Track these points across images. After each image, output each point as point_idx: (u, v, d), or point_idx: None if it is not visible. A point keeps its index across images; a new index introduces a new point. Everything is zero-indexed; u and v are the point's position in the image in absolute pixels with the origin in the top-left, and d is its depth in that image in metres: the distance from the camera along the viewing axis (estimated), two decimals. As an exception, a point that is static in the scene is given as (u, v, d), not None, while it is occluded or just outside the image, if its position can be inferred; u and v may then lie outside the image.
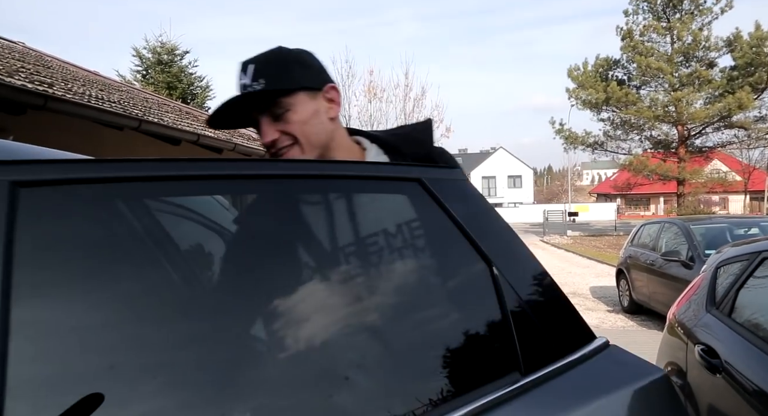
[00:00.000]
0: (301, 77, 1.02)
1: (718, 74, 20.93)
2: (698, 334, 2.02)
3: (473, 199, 0.93)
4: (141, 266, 0.97)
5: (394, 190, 0.95)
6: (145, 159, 0.79)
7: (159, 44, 16.90)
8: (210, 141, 6.45)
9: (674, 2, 21.01)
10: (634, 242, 7.94)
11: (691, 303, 2.26)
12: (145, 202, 1.00)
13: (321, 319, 0.96)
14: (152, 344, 0.80)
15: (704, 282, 2.24)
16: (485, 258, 0.86)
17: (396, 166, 0.97)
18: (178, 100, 14.02)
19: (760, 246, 1.94)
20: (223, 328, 0.97)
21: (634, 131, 23.06)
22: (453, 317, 0.93)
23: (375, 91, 24.22)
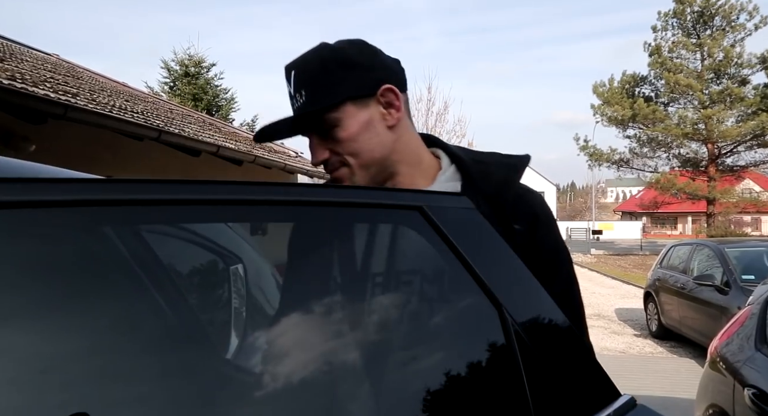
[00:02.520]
0: (345, 84, 0.84)
1: (751, 92, 20.38)
2: (747, 375, 1.83)
3: (483, 231, 0.80)
4: (122, 293, 0.86)
5: (391, 219, 0.83)
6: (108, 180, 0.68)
7: (186, 57, 17.25)
8: (230, 152, 6.44)
9: (705, 18, 20.63)
10: (663, 264, 7.63)
11: (736, 337, 2.07)
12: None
13: (304, 359, 0.84)
14: (118, 379, 0.70)
15: (752, 316, 2.05)
16: (494, 300, 0.74)
17: (393, 192, 0.84)
18: (203, 111, 14.22)
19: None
20: (202, 361, 0.86)
21: (662, 149, 22.56)
22: (454, 369, 0.80)
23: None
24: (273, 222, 0.79)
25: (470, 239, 0.76)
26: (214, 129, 8.56)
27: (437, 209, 0.76)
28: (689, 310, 6.22)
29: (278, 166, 8.51)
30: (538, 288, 0.79)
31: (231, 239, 1.33)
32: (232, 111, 18.30)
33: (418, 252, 0.78)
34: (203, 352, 1.01)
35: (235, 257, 1.29)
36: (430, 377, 0.73)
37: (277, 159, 8.53)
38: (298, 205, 0.72)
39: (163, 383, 0.80)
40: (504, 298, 0.73)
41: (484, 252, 0.77)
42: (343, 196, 0.76)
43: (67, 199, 0.71)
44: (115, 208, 0.76)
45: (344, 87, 0.84)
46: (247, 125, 18.83)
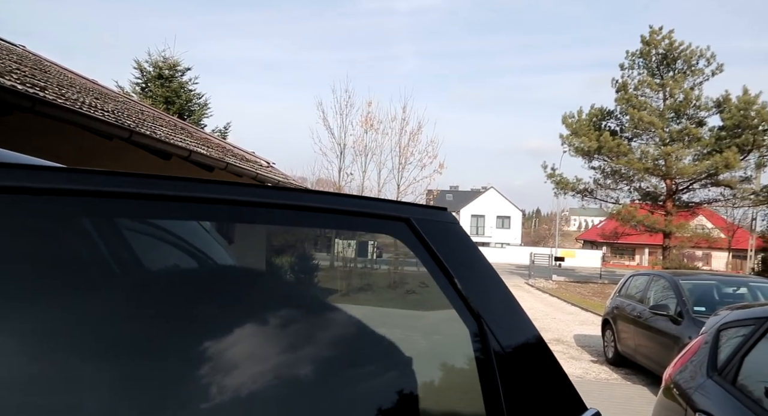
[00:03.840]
0: None
1: (706, 133, 21.47)
2: (698, 400, 1.91)
3: (465, 244, 0.85)
4: (86, 290, 0.85)
5: (379, 228, 0.88)
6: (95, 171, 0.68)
7: (161, 59, 16.98)
8: (201, 158, 6.35)
9: (668, 61, 21.72)
10: (621, 292, 7.86)
11: (690, 366, 2.15)
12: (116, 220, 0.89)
13: (285, 361, 0.85)
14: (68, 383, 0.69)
15: (704, 345, 2.14)
16: (473, 311, 0.77)
17: (382, 203, 0.88)
18: (174, 115, 13.98)
19: (764, 311, 1.85)
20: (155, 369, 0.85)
21: (624, 181, 23.40)
22: (433, 374, 0.82)
23: (372, 122, 24.45)
24: (268, 225, 0.80)
25: (453, 251, 0.79)
26: (185, 133, 8.42)
27: (423, 221, 0.79)
28: (644, 339, 6.41)
29: (249, 174, 8.42)
30: (514, 302, 0.82)
31: (208, 243, 1.32)
32: (205, 116, 18.05)
33: (404, 261, 0.81)
34: (179, 353, 0.99)
35: (211, 261, 1.28)
36: (408, 383, 0.75)
37: (248, 168, 8.44)
38: (291, 208, 0.73)
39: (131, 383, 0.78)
40: (483, 310, 0.75)
41: (466, 265, 0.79)
42: (336, 203, 0.78)
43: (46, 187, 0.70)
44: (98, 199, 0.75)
45: None
46: (219, 132, 18.58)
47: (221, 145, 10.01)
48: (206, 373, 0.84)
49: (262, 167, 10.04)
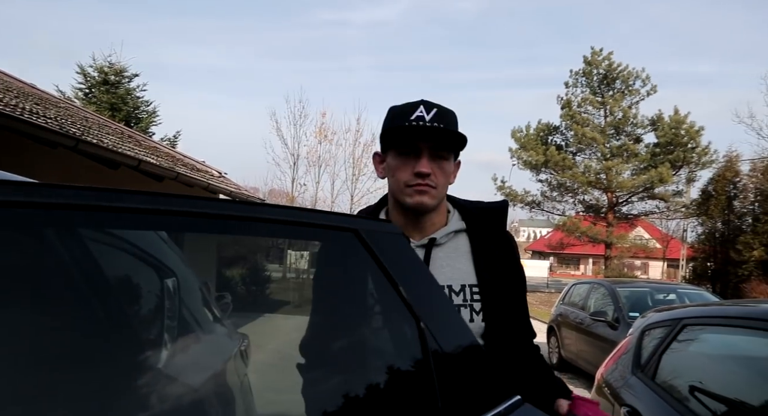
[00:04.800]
0: (462, 144, 1.15)
1: (643, 149, 22.83)
2: (624, 396, 2.09)
3: (407, 254, 0.94)
4: (58, 297, 0.89)
5: (329, 238, 0.95)
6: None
7: (107, 64, 16.40)
8: (151, 167, 6.21)
9: (608, 80, 23.01)
10: (565, 300, 8.23)
11: (618, 364, 2.35)
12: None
13: (229, 369, 0.93)
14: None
15: (630, 345, 2.34)
16: (414, 314, 0.86)
17: (332, 215, 0.96)
18: (121, 122, 13.52)
19: (681, 313, 2.06)
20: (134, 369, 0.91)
21: (569, 194, 24.46)
22: (377, 369, 0.92)
23: (326, 133, 24.48)
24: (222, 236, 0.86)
25: (398, 261, 0.88)
26: (133, 141, 8.20)
27: (370, 232, 0.87)
28: (585, 344, 6.74)
29: (200, 184, 8.28)
30: (448, 303, 0.93)
31: (165, 253, 1.36)
32: (153, 124, 17.52)
33: (352, 268, 0.91)
34: (135, 359, 1.04)
35: (169, 270, 1.32)
36: (357, 381, 0.84)
37: (199, 177, 8.30)
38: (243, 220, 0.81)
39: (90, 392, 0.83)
40: (423, 315, 0.85)
41: (409, 274, 0.89)
42: (287, 215, 0.86)
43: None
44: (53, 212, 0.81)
45: (462, 145, 1.15)
46: (168, 140, 18.08)
47: (171, 154, 9.79)
48: (145, 383, 0.89)
49: (214, 177, 9.88)
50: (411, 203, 1.12)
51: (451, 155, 1.15)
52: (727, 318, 1.79)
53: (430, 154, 1.10)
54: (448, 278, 1.13)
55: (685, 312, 2.05)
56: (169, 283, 1.30)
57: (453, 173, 1.18)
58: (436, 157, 1.11)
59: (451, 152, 1.15)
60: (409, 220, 1.16)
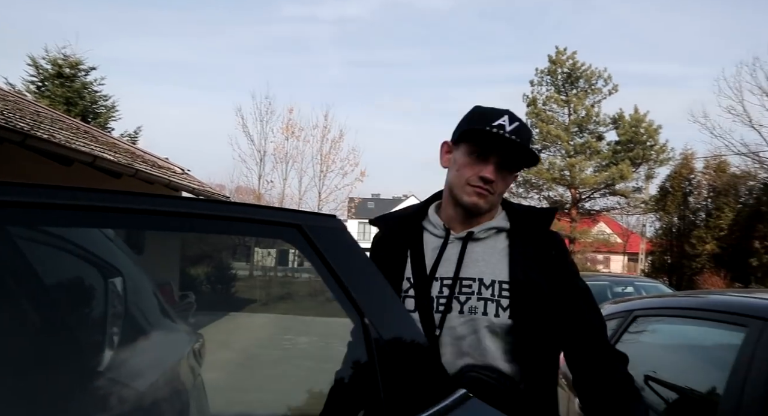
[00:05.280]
0: (532, 162, 1.20)
1: (605, 146, 23.51)
2: (579, 387, 2.14)
3: (352, 249, 0.95)
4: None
5: (272, 233, 0.97)
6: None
7: (61, 56, 15.75)
8: (108, 164, 6.00)
9: (572, 79, 23.58)
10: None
11: (575, 356, 2.40)
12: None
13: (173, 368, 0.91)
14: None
15: (587, 336, 2.40)
16: (358, 308, 0.87)
17: (275, 211, 0.98)
18: (77, 117, 13.01)
19: (633, 305, 2.13)
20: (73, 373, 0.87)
21: (534, 190, 24.98)
22: (318, 366, 0.93)
23: (293, 130, 24.22)
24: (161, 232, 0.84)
25: (341, 255, 0.89)
26: (89, 137, 7.90)
27: (314, 228, 0.88)
28: (548, 337, 6.91)
29: (161, 182, 8.06)
30: (393, 297, 0.93)
31: (111, 252, 1.31)
32: (112, 119, 16.93)
33: (297, 264, 0.90)
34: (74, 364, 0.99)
35: (114, 270, 1.27)
36: (301, 374, 0.83)
37: (160, 174, 8.08)
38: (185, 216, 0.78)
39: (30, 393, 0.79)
40: (367, 308, 0.85)
41: (353, 268, 0.89)
42: (231, 211, 0.84)
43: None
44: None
45: (535, 161, 1.20)
46: (129, 136, 17.53)
47: (131, 150, 9.49)
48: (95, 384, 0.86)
49: (176, 174, 9.63)
50: (467, 202, 1.16)
51: (516, 169, 1.19)
52: (674, 309, 1.86)
53: (498, 162, 1.14)
54: (480, 272, 1.15)
55: (636, 305, 2.11)
56: (115, 283, 1.25)
57: (510, 182, 1.23)
58: (503, 167, 1.15)
59: (517, 168, 1.19)
60: (458, 215, 1.20)
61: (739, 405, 1.26)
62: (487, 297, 1.12)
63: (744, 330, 1.37)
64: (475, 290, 1.13)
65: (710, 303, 1.67)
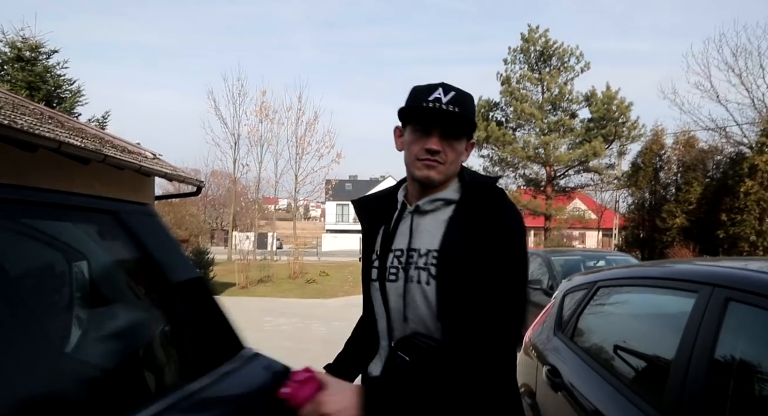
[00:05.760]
0: (474, 129, 1.25)
1: (578, 124, 23.79)
2: (546, 356, 2.22)
3: (163, 232, 1.08)
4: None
5: (90, 221, 1.06)
6: None
7: (20, 39, 15.11)
8: (74, 150, 5.85)
9: (545, 57, 23.67)
10: (504, 271, 8.57)
11: (543, 327, 2.49)
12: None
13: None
14: None
15: (554, 308, 2.48)
16: (168, 283, 1.02)
17: (89, 198, 1.05)
18: (41, 102, 12.56)
19: (597, 276, 2.21)
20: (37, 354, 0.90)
21: (510, 168, 25.21)
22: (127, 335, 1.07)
23: (267, 112, 23.83)
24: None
25: (153, 239, 1.04)
26: (54, 123, 7.66)
27: (127, 214, 1.00)
28: (523, 311, 7.08)
29: (132, 167, 7.89)
30: (200, 278, 1.12)
31: (75, 236, 1.30)
32: (78, 104, 16.38)
33: (110, 247, 1.06)
34: (38, 346, 1.00)
35: (79, 254, 1.26)
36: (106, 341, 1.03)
37: (131, 159, 7.89)
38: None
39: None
40: (176, 282, 1.03)
41: (164, 250, 1.05)
42: (48, 198, 0.93)
43: None
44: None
45: (473, 129, 1.24)
46: (97, 121, 17.03)
47: (98, 135, 9.23)
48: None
49: (147, 159, 9.43)
50: (419, 176, 1.20)
51: (462, 137, 1.22)
52: (633, 279, 1.93)
53: (441, 134, 1.18)
54: (421, 242, 1.20)
55: (600, 276, 2.19)
56: (79, 266, 1.24)
57: (466, 152, 1.26)
58: (447, 136, 1.19)
59: (462, 135, 1.21)
60: (415, 190, 1.26)
61: (687, 368, 1.33)
62: (420, 266, 1.17)
63: (694, 296, 1.44)
64: (415, 260, 1.19)
65: (665, 272, 1.74)
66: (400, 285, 1.20)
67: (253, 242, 21.64)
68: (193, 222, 28.75)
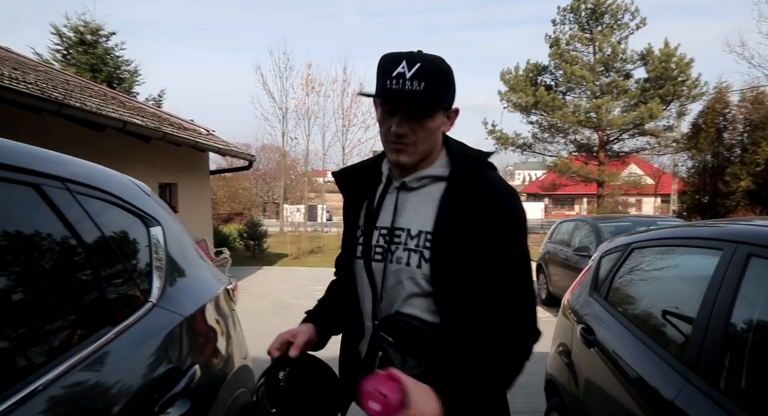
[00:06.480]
0: (451, 98, 1.12)
1: (633, 85, 22.58)
2: (582, 315, 2.31)
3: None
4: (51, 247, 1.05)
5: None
6: None
7: (82, 23, 15.90)
8: (137, 129, 6.25)
9: (597, 15, 22.42)
10: (552, 239, 8.51)
11: (580, 288, 2.57)
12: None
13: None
14: None
15: (591, 270, 2.55)
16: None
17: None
18: (103, 83, 13.28)
19: (631, 238, 2.25)
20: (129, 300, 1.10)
21: (560, 134, 24.41)
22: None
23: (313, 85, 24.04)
24: None
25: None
26: (117, 103, 8.15)
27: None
28: (570, 279, 7.04)
29: (188, 143, 8.31)
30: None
31: (150, 205, 1.51)
32: (136, 84, 17.20)
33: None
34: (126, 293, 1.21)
35: (153, 219, 1.48)
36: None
37: (187, 136, 8.32)
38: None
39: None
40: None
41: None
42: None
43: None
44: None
45: (450, 99, 1.11)
46: (154, 100, 17.81)
47: (156, 113, 9.73)
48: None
49: (202, 135, 9.87)
50: (391, 159, 1.14)
51: (433, 113, 1.09)
52: (665, 239, 1.98)
53: (407, 114, 1.07)
54: (409, 222, 1.13)
55: (634, 238, 2.24)
56: (155, 231, 1.46)
57: (448, 122, 1.16)
58: (414, 116, 1.07)
59: (431, 113, 1.08)
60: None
61: (709, 321, 1.40)
62: (411, 248, 1.11)
63: (719, 253, 1.49)
64: (403, 240, 1.13)
65: (693, 233, 1.78)
66: (384, 266, 1.14)
67: (303, 214, 22.25)
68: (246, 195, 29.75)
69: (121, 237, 1.29)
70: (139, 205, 1.44)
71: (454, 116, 1.17)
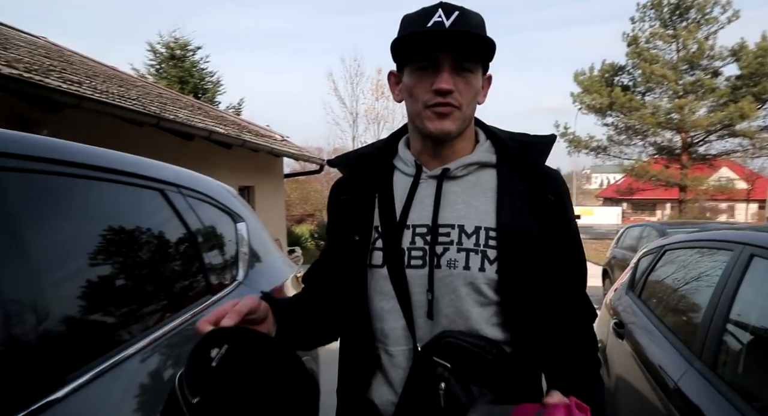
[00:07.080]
0: (492, 51, 0.94)
1: (722, 83, 21.10)
2: (617, 311, 2.46)
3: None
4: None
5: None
6: None
7: (172, 39, 17.43)
8: (221, 137, 6.91)
9: (681, 11, 21.21)
10: (619, 244, 8.34)
11: (620, 287, 2.70)
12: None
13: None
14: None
15: (630, 270, 2.68)
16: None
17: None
18: (189, 94, 14.51)
19: (666, 241, 2.37)
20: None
21: (638, 136, 23.30)
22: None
23: (382, 90, 24.59)
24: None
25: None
26: (203, 113, 8.99)
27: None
28: (636, 284, 6.93)
29: (265, 149, 8.97)
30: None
31: (235, 204, 1.90)
32: (218, 94, 18.57)
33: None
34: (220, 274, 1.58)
35: (239, 216, 1.86)
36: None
37: (263, 143, 8.99)
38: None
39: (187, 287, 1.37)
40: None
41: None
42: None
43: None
44: None
45: (492, 52, 0.94)
46: (233, 108, 19.10)
47: (236, 121, 10.56)
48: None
49: (277, 141, 10.58)
50: (432, 129, 0.93)
51: (479, 67, 0.93)
52: (691, 242, 2.10)
53: (453, 66, 0.90)
54: (460, 217, 0.94)
55: (668, 240, 2.36)
56: (241, 225, 1.84)
57: (483, 91, 0.97)
58: (461, 69, 0.91)
59: (479, 62, 0.93)
60: (428, 148, 0.98)
61: (714, 312, 1.57)
62: (469, 247, 0.92)
63: (729, 254, 1.64)
64: (455, 239, 0.93)
65: (714, 236, 1.91)
66: (428, 272, 0.92)
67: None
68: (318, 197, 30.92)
69: (218, 231, 1.67)
70: (227, 204, 1.83)
71: (488, 84, 1.00)
